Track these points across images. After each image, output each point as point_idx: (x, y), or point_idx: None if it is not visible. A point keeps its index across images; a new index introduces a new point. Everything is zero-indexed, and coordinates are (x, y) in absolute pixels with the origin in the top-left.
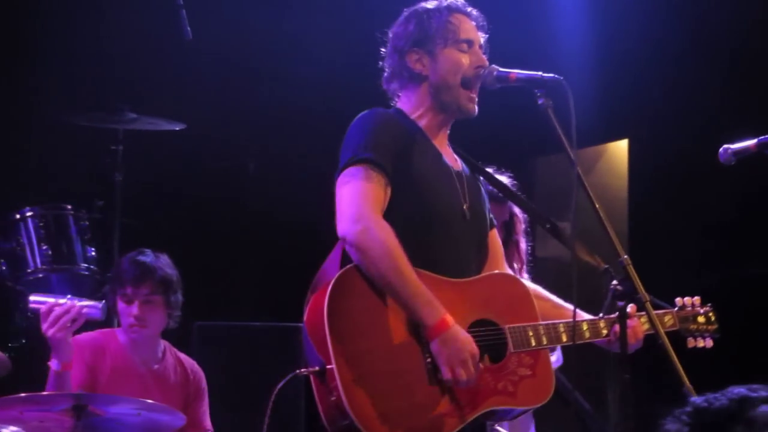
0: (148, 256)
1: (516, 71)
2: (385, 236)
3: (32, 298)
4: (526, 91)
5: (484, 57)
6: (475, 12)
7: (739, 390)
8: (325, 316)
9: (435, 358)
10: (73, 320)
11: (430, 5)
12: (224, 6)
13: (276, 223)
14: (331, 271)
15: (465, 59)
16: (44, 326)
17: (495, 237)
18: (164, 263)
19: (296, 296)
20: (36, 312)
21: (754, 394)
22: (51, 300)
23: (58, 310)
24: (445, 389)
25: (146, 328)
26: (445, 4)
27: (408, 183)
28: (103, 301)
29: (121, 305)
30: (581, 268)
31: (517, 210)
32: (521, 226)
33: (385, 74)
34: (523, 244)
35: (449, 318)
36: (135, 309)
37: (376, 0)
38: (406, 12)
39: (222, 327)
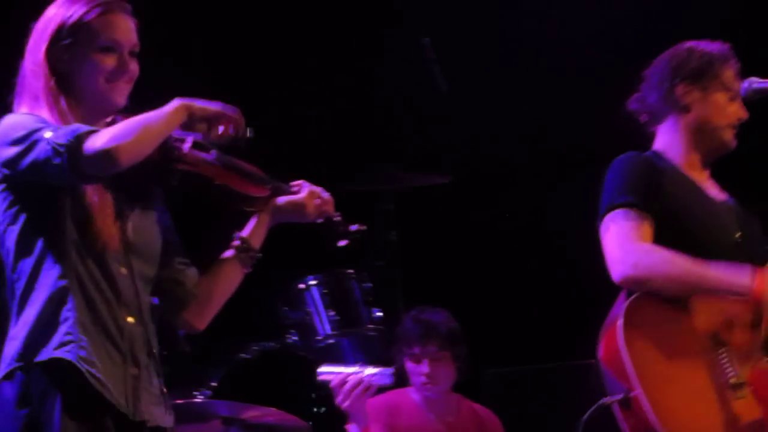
0: (428, 313)
1: None
2: (658, 252)
3: (320, 370)
4: None
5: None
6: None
7: None
8: (622, 345)
9: None
10: (365, 390)
11: (710, 48)
12: (473, 53)
13: (553, 266)
14: (618, 314)
15: (731, 108)
16: (338, 399)
17: None
18: (445, 318)
19: (584, 334)
20: (326, 384)
21: None
22: (340, 371)
23: (349, 384)
24: (752, 404)
25: (438, 385)
26: (723, 51)
27: (672, 223)
28: (393, 367)
29: (410, 365)
30: None
31: None
32: None
33: (643, 114)
34: None
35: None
36: (425, 367)
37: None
38: (682, 45)
39: (513, 372)
